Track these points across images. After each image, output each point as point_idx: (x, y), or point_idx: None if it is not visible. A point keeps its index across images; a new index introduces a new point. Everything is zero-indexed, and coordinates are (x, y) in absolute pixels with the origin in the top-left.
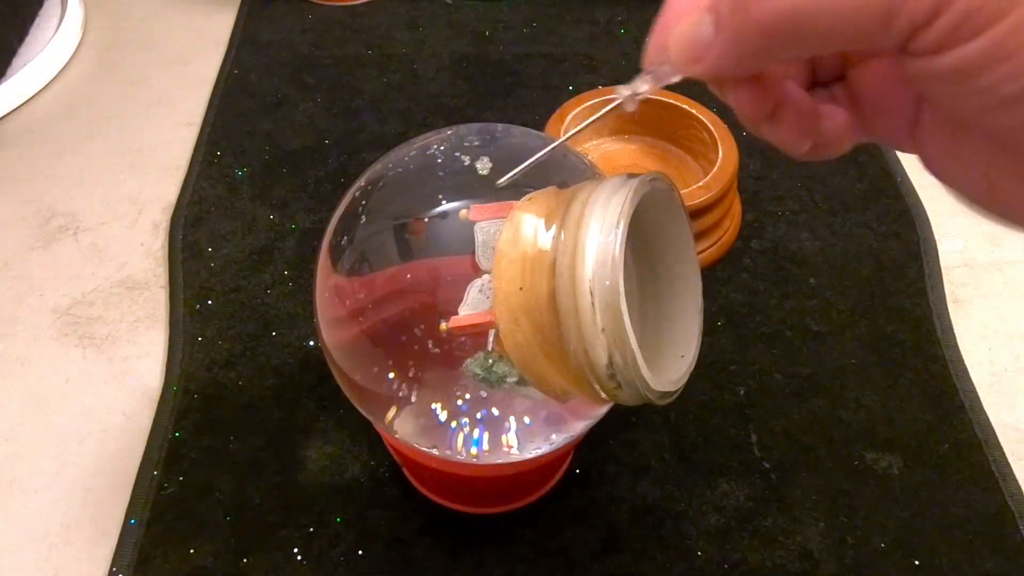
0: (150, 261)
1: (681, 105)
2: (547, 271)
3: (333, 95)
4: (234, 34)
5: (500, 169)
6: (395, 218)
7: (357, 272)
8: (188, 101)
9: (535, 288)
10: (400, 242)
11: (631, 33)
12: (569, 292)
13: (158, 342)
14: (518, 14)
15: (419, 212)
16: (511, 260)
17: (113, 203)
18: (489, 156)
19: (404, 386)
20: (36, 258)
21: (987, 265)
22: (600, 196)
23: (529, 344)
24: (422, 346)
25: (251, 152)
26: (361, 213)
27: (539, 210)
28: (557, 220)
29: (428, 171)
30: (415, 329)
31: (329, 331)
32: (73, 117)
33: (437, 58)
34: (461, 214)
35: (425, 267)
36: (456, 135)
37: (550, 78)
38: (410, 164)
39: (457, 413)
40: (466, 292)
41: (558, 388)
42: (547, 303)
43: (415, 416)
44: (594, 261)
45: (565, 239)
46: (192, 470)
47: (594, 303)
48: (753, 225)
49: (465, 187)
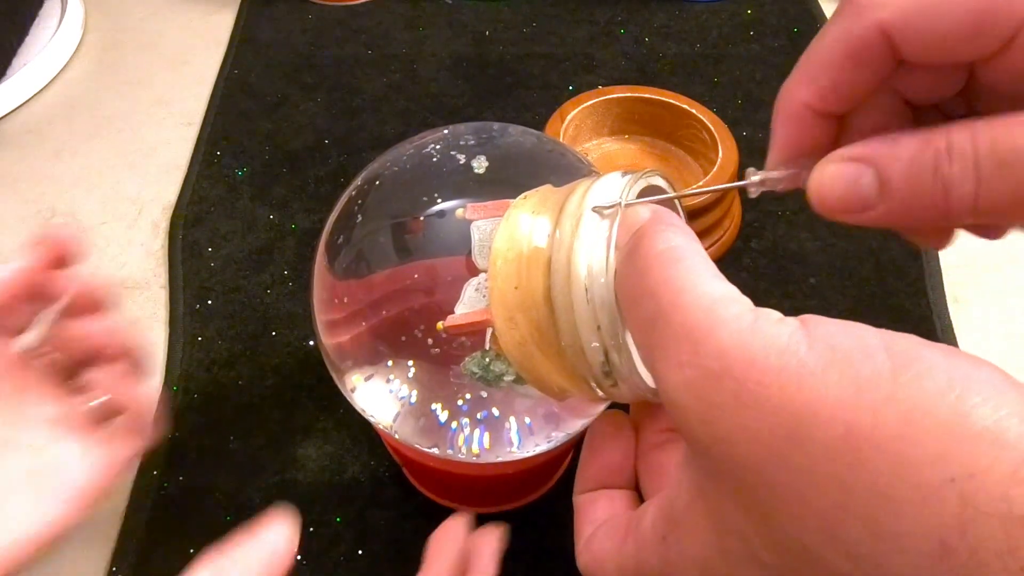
0: (150, 261)
1: (681, 105)
2: (543, 269)
3: (333, 95)
4: (234, 34)
5: (496, 167)
6: (392, 217)
7: (354, 273)
8: (188, 101)
9: (531, 286)
10: (397, 241)
11: (631, 33)
12: (564, 289)
13: (158, 342)
14: (518, 14)
15: (415, 211)
16: (507, 258)
17: (113, 203)
18: (485, 155)
19: (403, 387)
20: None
21: (987, 265)
22: (595, 192)
23: (525, 342)
24: (421, 346)
25: (251, 152)
26: (357, 213)
27: (534, 208)
28: (552, 217)
29: (424, 170)
30: (415, 330)
31: (327, 332)
32: (73, 117)
33: (437, 58)
34: (457, 213)
35: (422, 267)
36: (453, 134)
37: (550, 78)
38: (407, 163)
39: (457, 413)
40: (463, 291)
41: (555, 386)
42: (543, 301)
43: (415, 416)
44: (589, 258)
45: (560, 236)
46: (192, 470)
47: (589, 300)
48: (753, 225)
49: (462, 186)
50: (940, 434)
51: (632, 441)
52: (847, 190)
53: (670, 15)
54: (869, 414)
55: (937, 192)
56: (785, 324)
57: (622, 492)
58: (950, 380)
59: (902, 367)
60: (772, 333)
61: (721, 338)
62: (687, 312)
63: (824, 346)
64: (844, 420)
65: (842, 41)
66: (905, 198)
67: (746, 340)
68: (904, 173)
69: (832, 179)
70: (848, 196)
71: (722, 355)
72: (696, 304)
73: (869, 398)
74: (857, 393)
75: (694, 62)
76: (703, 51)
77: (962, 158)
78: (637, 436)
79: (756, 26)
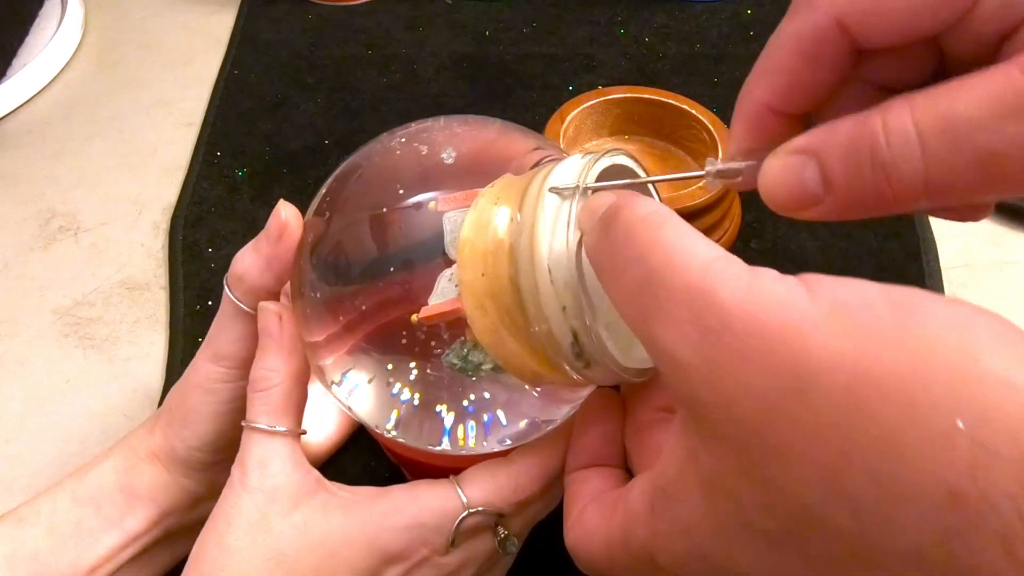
0: (150, 262)
1: (681, 105)
2: (507, 254)
3: (333, 95)
4: (234, 34)
5: (464, 158)
6: (368, 210)
7: (331, 275)
8: (188, 101)
9: (497, 271)
10: (375, 236)
11: (631, 33)
12: (529, 272)
13: (158, 343)
14: (518, 14)
15: (388, 206)
16: (473, 246)
17: (113, 203)
18: (453, 146)
19: (402, 387)
20: (36, 259)
21: (987, 265)
22: (555, 175)
23: (496, 329)
24: (399, 341)
25: (251, 152)
26: (330, 217)
27: (499, 195)
28: (516, 203)
29: (396, 165)
30: (395, 326)
31: (315, 353)
32: (73, 117)
33: (437, 58)
34: (430, 205)
35: (398, 263)
36: (420, 128)
37: (550, 78)
38: (375, 159)
39: (437, 403)
40: (436, 283)
41: (530, 372)
42: (510, 286)
43: (411, 415)
44: (551, 239)
45: (522, 220)
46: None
47: (553, 281)
48: (753, 225)
49: (434, 178)
50: (947, 379)
51: (621, 418)
52: (792, 184)
53: (670, 15)
54: (873, 362)
55: (879, 177)
56: (784, 280)
57: (612, 470)
58: (954, 326)
59: (905, 315)
60: (772, 289)
61: (721, 295)
62: (682, 272)
63: (825, 299)
64: (848, 370)
65: (797, 39)
66: (849, 188)
67: (746, 296)
68: (842, 160)
69: (777, 174)
70: (794, 191)
71: (723, 312)
72: (690, 264)
73: (873, 347)
74: (861, 342)
75: (694, 62)
76: (703, 51)
77: (900, 135)
78: (627, 416)
79: (756, 26)
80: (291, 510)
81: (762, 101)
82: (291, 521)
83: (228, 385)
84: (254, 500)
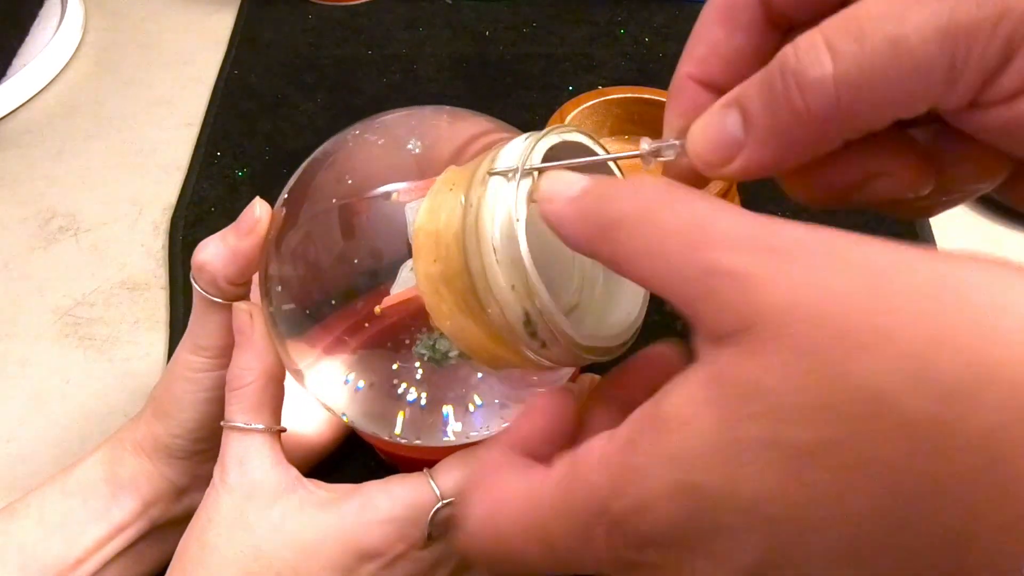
0: (150, 262)
1: None
2: (457, 237)
3: (333, 95)
4: (234, 34)
5: (429, 149)
6: (338, 200)
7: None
8: (188, 101)
9: (449, 256)
10: (342, 230)
11: (631, 33)
12: (476, 253)
13: (158, 343)
14: (518, 14)
15: (352, 199)
16: (427, 233)
17: (113, 204)
18: (417, 136)
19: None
20: (36, 259)
21: None
22: (502, 157)
23: (454, 314)
24: (367, 334)
25: (251, 152)
26: (294, 212)
27: (451, 181)
28: (465, 187)
29: (360, 158)
30: (366, 323)
31: (284, 347)
32: (73, 117)
33: (437, 58)
34: (392, 197)
35: (362, 257)
36: (382, 121)
37: (550, 78)
38: (338, 152)
39: (406, 394)
40: (398, 273)
41: (491, 355)
42: (461, 269)
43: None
44: (495, 218)
45: (468, 201)
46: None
47: (500, 261)
48: None
49: (398, 169)
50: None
51: (570, 411)
52: (716, 135)
53: (670, 15)
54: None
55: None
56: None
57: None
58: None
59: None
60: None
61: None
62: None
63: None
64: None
65: (714, 6)
66: (764, 113)
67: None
68: (758, 93)
69: (702, 128)
70: (717, 141)
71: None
72: (689, 205)
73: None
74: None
75: None
76: None
77: (810, 45)
78: (595, 418)
79: None
80: (268, 506)
81: (686, 72)
82: (268, 517)
83: (209, 374)
84: (233, 497)
